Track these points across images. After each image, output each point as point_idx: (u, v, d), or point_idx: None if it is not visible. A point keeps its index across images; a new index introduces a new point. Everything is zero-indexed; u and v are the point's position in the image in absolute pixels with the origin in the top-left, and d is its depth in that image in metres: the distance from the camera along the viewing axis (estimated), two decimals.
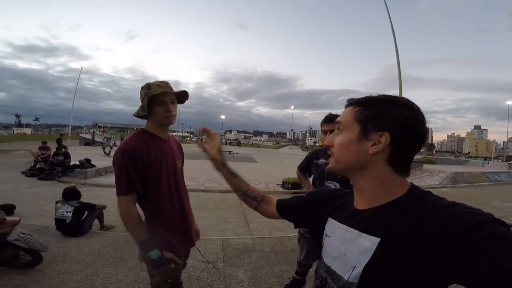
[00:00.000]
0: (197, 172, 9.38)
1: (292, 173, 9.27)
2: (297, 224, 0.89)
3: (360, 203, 0.65)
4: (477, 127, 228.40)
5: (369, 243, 0.56)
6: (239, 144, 52.33)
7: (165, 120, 1.31)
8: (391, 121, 0.57)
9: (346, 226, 0.65)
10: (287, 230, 4.16)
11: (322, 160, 2.04)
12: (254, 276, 2.72)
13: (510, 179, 14.70)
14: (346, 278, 0.58)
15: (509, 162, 27.64)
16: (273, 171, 12.11)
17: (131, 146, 1.22)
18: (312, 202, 0.82)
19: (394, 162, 0.59)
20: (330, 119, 1.89)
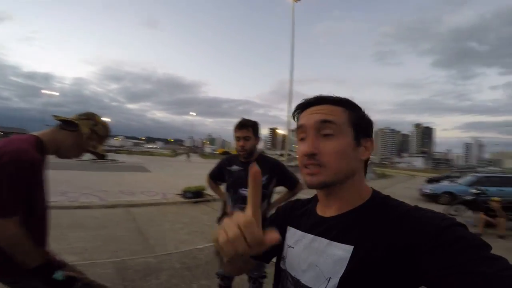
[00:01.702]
0: (67, 186, 7.63)
1: (193, 181, 8.76)
2: (271, 257, 0.73)
3: (327, 211, 0.61)
4: None
5: (342, 252, 0.53)
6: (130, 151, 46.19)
7: (73, 156, 1.26)
8: (370, 127, 0.61)
9: (313, 236, 0.60)
10: (195, 242, 3.94)
11: (235, 167, 1.94)
12: None
13: None
14: None
15: None
16: (171, 180, 11.14)
17: (31, 158, 1.01)
18: (278, 223, 0.72)
19: (366, 166, 0.61)
20: (244, 125, 1.83)
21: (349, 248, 0.52)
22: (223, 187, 2.09)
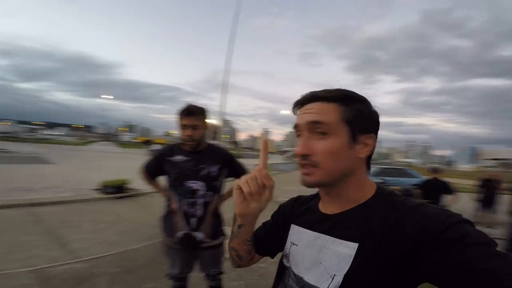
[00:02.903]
0: None
1: (110, 174, 7.97)
2: (276, 251, 0.76)
3: (330, 208, 0.61)
4: (266, 130, 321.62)
5: (347, 249, 0.53)
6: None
7: None
8: (372, 122, 0.57)
9: (317, 233, 0.60)
10: (129, 242, 3.71)
11: (179, 157, 1.73)
12: None
13: (286, 168, 21.27)
14: None
15: (285, 155, 41.56)
16: (83, 174, 9.59)
17: None
18: (280, 220, 0.74)
19: (368, 162, 0.58)
20: (192, 112, 1.63)
21: (354, 246, 0.52)
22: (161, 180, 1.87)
